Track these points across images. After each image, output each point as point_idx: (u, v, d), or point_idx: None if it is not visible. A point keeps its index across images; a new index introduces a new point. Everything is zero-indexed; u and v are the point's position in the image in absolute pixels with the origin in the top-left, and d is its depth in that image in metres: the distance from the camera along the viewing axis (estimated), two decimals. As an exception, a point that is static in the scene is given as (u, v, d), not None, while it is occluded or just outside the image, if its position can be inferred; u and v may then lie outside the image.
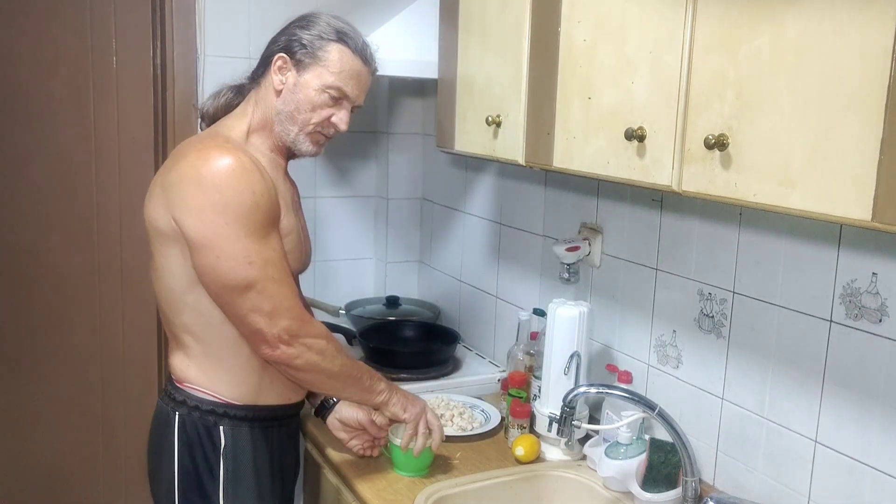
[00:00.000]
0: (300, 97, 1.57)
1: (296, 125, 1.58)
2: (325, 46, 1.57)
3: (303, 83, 1.57)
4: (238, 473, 1.57)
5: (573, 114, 1.45)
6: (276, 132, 1.59)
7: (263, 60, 1.63)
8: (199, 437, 1.55)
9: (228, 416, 1.57)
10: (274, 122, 1.59)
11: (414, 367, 2.20)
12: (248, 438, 1.59)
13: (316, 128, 1.60)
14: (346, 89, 1.58)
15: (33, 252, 2.48)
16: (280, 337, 1.46)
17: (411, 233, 2.76)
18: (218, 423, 1.56)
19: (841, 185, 0.98)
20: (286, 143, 1.61)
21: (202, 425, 1.56)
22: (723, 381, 1.60)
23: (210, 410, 1.56)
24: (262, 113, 1.60)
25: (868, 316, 1.31)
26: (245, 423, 1.58)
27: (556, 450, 1.78)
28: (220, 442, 1.56)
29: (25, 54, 2.38)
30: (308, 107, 1.57)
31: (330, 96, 1.58)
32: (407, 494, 1.61)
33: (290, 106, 1.57)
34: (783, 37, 1.05)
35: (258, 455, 1.61)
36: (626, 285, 1.84)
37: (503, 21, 1.65)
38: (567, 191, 2.02)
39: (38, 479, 2.58)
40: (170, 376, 1.62)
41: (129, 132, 2.49)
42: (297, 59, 1.57)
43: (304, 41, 1.57)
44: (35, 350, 2.52)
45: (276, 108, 1.58)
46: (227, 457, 1.56)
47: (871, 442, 1.32)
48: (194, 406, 1.56)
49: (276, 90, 1.58)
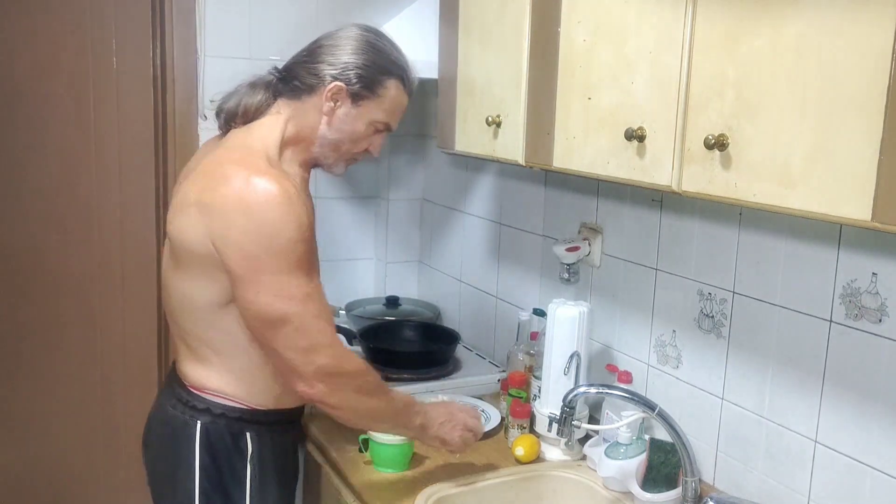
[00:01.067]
0: (347, 129, 1.55)
1: (337, 153, 1.58)
2: (383, 82, 1.53)
3: (353, 115, 1.53)
4: (264, 478, 1.56)
5: (573, 114, 1.45)
6: (313, 153, 1.57)
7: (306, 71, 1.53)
8: (225, 444, 1.52)
9: (254, 422, 1.54)
10: (313, 142, 1.55)
11: (414, 367, 2.20)
12: (270, 442, 1.57)
13: (354, 156, 1.60)
14: (392, 124, 1.59)
15: (33, 252, 2.48)
16: (316, 375, 1.41)
17: (411, 233, 2.76)
18: (245, 430, 1.53)
19: (841, 185, 0.98)
20: (320, 164, 1.60)
21: (228, 432, 1.52)
22: (723, 381, 1.60)
23: (237, 417, 1.53)
24: (298, 128, 1.54)
25: (868, 316, 1.31)
26: (267, 428, 1.57)
27: (556, 450, 1.78)
28: (248, 448, 1.53)
29: (25, 54, 2.38)
30: (353, 138, 1.56)
31: (375, 129, 1.57)
32: (407, 494, 1.61)
33: (336, 135, 1.55)
34: (783, 37, 1.05)
35: (279, 457, 1.60)
36: (626, 285, 1.84)
37: (503, 21, 1.65)
38: (567, 191, 2.02)
39: (37, 479, 2.58)
40: (182, 383, 1.56)
41: (129, 132, 2.49)
42: (354, 92, 1.51)
43: (364, 73, 1.51)
44: (35, 350, 2.52)
45: (320, 132, 1.54)
46: (253, 462, 1.54)
47: (871, 442, 1.32)
48: (220, 413, 1.52)
49: (325, 115, 1.53)
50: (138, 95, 2.47)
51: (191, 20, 2.36)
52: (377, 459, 1.71)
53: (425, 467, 1.73)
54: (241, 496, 1.54)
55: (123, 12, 2.43)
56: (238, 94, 1.57)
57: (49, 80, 2.41)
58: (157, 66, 2.45)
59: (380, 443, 1.69)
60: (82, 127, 2.46)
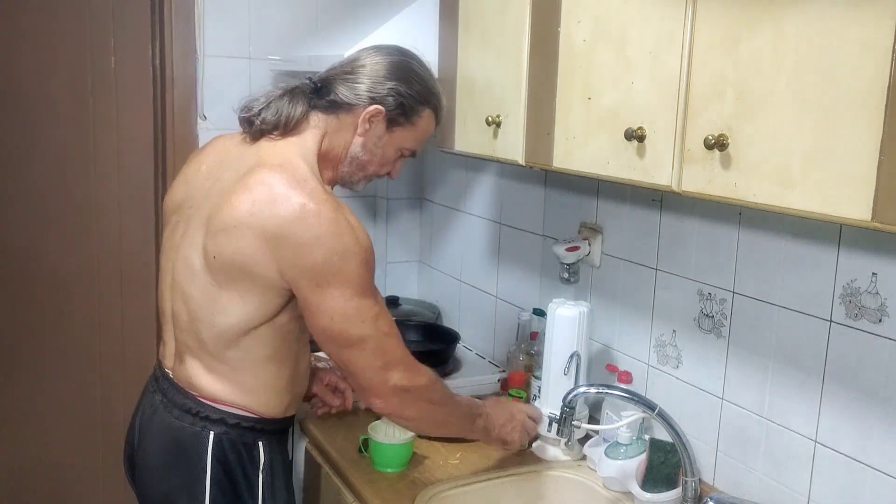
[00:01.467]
0: (378, 152, 1.56)
1: (363, 172, 1.59)
2: (420, 112, 1.55)
3: (386, 140, 1.55)
4: (274, 486, 1.56)
5: (573, 114, 1.45)
6: (340, 171, 1.57)
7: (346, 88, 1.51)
8: (239, 454, 1.51)
9: (266, 432, 1.55)
10: (343, 161, 1.56)
11: (414, 367, 2.20)
12: (278, 450, 1.58)
13: (375, 177, 1.63)
14: (418, 151, 1.62)
15: (32, 252, 2.48)
16: (392, 391, 1.46)
17: (411, 233, 2.76)
18: (258, 440, 1.53)
19: (841, 185, 0.98)
20: (343, 181, 1.61)
21: (242, 442, 1.51)
22: (723, 381, 1.60)
23: (251, 427, 1.52)
24: (331, 145, 1.53)
25: (868, 316, 1.31)
26: (276, 436, 1.58)
27: (556, 450, 1.78)
28: (260, 457, 1.53)
29: (24, 54, 2.38)
30: (381, 161, 1.58)
31: (401, 154, 1.60)
32: (407, 494, 1.61)
33: (367, 156, 1.56)
34: (783, 36, 1.05)
35: (285, 463, 1.62)
36: (626, 285, 1.84)
37: (503, 21, 1.65)
38: (567, 191, 2.02)
39: (37, 479, 2.58)
40: (188, 394, 1.52)
41: (129, 132, 2.49)
42: (391, 118, 1.53)
43: (405, 101, 1.52)
44: (34, 350, 2.52)
45: (351, 151, 1.54)
46: (265, 472, 1.54)
47: (871, 442, 1.32)
48: (234, 424, 1.50)
49: (360, 135, 1.53)
50: (137, 95, 2.47)
51: (190, 20, 2.36)
52: (377, 459, 1.71)
53: (425, 467, 1.73)
54: None
55: (123, 12, 2.43)
56: (276, 103, 1.51)
57: (48, 79, 2.41)
58: (156, 65, 2.45)
59: (379, 443, 1.69)
60: (81, 127, 2.46)
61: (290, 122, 1.50)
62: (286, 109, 1.50)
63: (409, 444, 1.71)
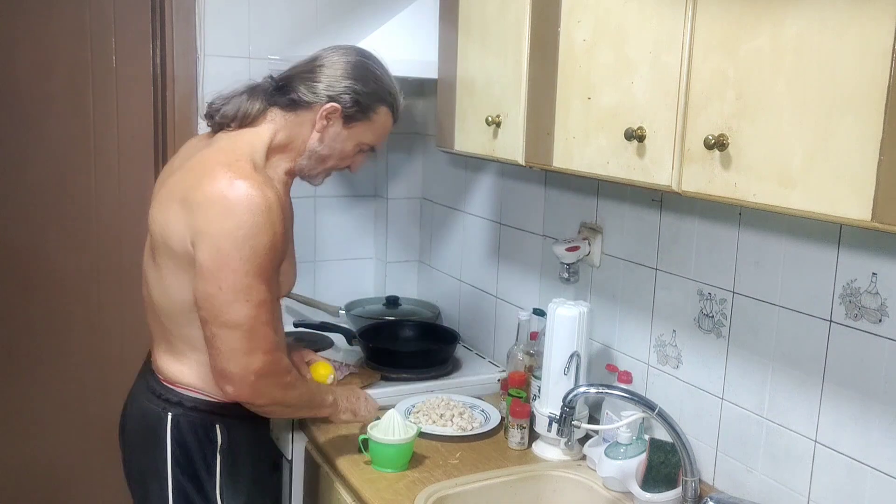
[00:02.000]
0: (337, 147, 1.64)
1: (322, 166, 1.67)
2: (376, 108, 1.64)
3: (344, 136, 1.63)
4: (234, 468, 1.61)
5: (573, 114, 1.45)
6: (299, 163, 1.64)
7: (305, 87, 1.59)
8: (196, 435, 1.57)
9: (225, 415, 1.59)
10: (301, 153, 1.63)
11: (414, 367, 2.20)
12: (243, 435, 1.62)
13: (336, 170, 1.70)
14: (377, 146, 1.71)
15: (32, 252, 2.48)
16: (247, 379, 1.47)
17: (411, 233, 2.76)
18: (215, 422, 1.58)
19: (841, 185, 0.98)
20: (302, 174, 1.67)
21: (199, 424, 1.58)
22: (722, 381, 1.60)
23: (208, 410, 1.58)
24: (289, 137, 1.61)
25: (868, 316, 1.31)
26: (238, 420, 1.60)
27: (556, 450, 1.78)
28: (217, 439, 1.58)
29: (25, 54, 2.38)
30: (341, 156, 1.66)
31: (361, 149, 1.68)
32: (407, 494, 1.61)
33: (326, 151, 1.63)
34: (783, 37, 1.05)
35: (252, 450, 1.66)
36: (626, 285, 1.84)
37: (503, 21, 1.65)
38: (567, 191, 2.02)
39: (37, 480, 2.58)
40: (154, 376, 1.63)
41: (129, 132, 2.49)
42: (348, 114, 1.61)
43: (360, 98, 1.61)
44: (34, 350, 2.52)
45: (310, 145, 1.62)
46: (223, 453, 1.59)
47: (871, 442, 1.32)
48: (192, 406, 1.58)
49: (318, 131, 1.61)
50: (138, 95, 2.47)
51: (191, 20, 2.36)
52: (376, 459, 1.71)
53: (425, 467, 1.73)
54: (212, 486, 1.59)
55: (123, 12, 2.43)
56: (237, 99, 1.61)
57: (49, 79, 2.41)
58: (156, 65, 2.45)
59: (379, 443, 1.69)
60: (82, 126, 2.46)
61: (248, 117, 1.60)
62: (244, 105, 1.60)
63: (410, 444, 1.71)
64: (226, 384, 1.48)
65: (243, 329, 1.45)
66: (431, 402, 2.00)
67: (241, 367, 1.46)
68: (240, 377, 1.47)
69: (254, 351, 1.47)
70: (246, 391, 1.49)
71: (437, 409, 1.96)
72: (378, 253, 2.77)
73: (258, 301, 1.45)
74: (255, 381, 1.48)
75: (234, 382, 1.48)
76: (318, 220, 2.65)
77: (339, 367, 2.14)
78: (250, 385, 1.48)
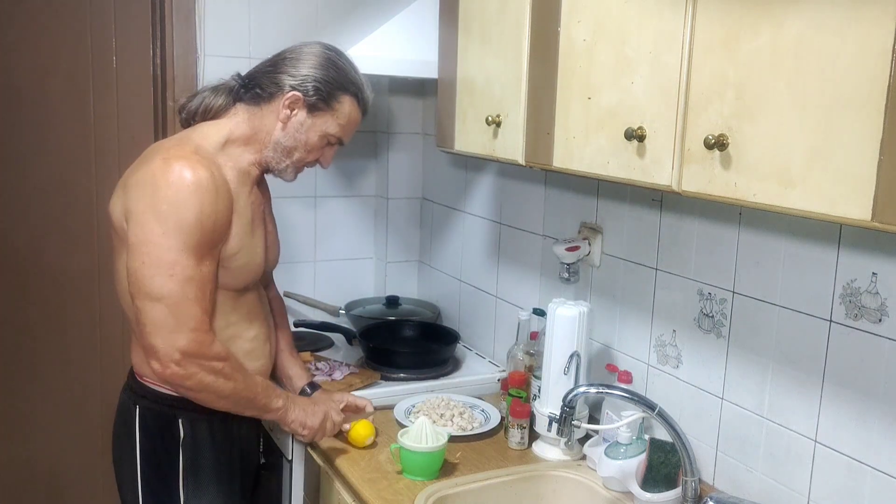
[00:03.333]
0: (302, 137, 1.64)
1: (289, 159, 1.67)
2: (339, 97, 1.64)
3: (309, 125, 1.64)
4: (198, 464, 1.63)
5: (573, 114, 1.45)
6: (265, 155, 1.65)
7: (268, 80, 1.63)
8: (160, 428, 1.61)
9: (187, 409, 1.60)
10: (266, 145, 1.64)
11: (414, 367, 2.20)
12: (207, 431, 1.64)
13: (305, 164, 1.70)
14: (344, 139, 1.70)
15: (33, 252, 2.48)
16: (172, 356, 1.46)
17: (411, 233, 2.76)
18: (177, 416, 1.61)
19: (841, 185, 0.98)
20: (271, 168, 1.68)
21: (163, 417, 1.61)
22: (722, 381, 1.60)
23: (170, 404, 1.60)
24: (253, 130, 1.63)
25: (868, 316, 1.31)
26: (203, 416, 1.61)
27: (556, 450, 1.78)
28: (180, 433, 1.61)
29: (25, 54, 2.38)
30: (306, 147, 1.66)
31: (328, 141, 1.68)
32: (407, 494, 1.61)
33: (290, 142, 1.64)
34: (783, 37, 1.05)
35: (217, 447, 1.66)
36: (626, 285, 1.84)
37: (503, 21, 1.65)
38: (567, 191, 2.02)
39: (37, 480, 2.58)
40: (131, 370, 1.66)
41: (129, 132, 2.49)
42: (310, 103, 1.62)
43: (321, 87, 1.62)
44: (34, 350, 2.52)
45: (274, 137, 1.63)
46: (186, 447, 1.61)
47: (871, 442, 1.32)
48: (156, 399, 1.60)
49: (281, 121, 1.62)
50: (138, 95, 2.47)
51: (191, 20, 2.36)
52: (407, 467, 1.68)
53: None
54: (175, 478, 1.61)
55: (123, 12, 2.43)
56: (201, 95, 1.68)
57: (49, 79, 2.41)
58: (156, 65, 2.45)
59: (410, 451, 1.66)
60: (82, 126, 2.46)
61: (210, 111, 1.66)
62: (207, 99, 1.66)
63: (441, 452, 1.68)
64: (152, 360, 1.47)
65: (166, 303, 1.45)
66: (431, 401, 2.00)
67: (165, 343, 1.46)
68: (164, 353, 1.46)
69: (179, 328, 1.46)
70: (171, 369, 1.47)
71: (437, 409, 1.96)
72: (378, 253, 2.77)
73: (184, 277, 1.45)
74: (181, 360, 1.47)
75: (160, 358, 1.46)
76: (318, 220, 2.65)
77: (339, 367, 2.15)
78: (175, 363, 1.47)
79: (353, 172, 2.70)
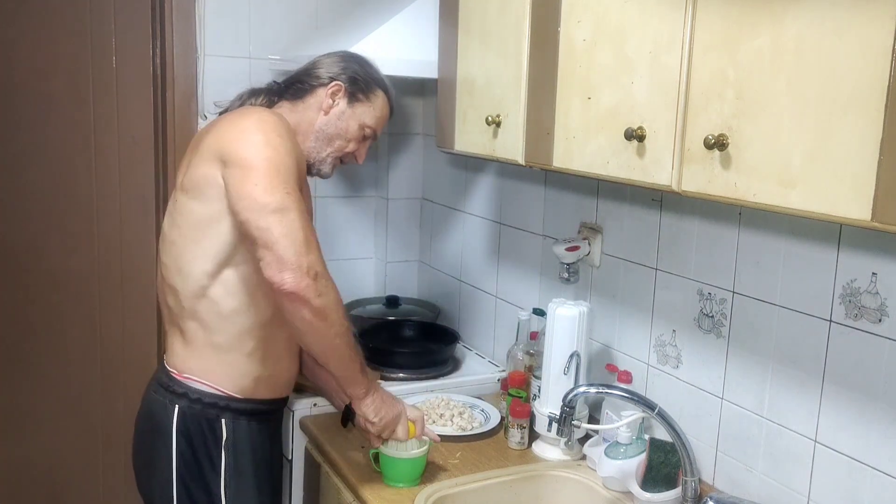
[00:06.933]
0: (342, 125, 1.72)
1: (330, 147, 1.73)
2: (375, 91, 1.75)
3: (349, 114, 1.72)
4: (239, 465, 1.60)
5: (573, 114, 1.45)
6: (307, 146, 1.71)
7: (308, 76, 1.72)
8: (201, 429, 1.58)
9: (230, 409, 1.59)
10: (309, 136, 1.71)
11: (414, 366, 2.20)
12: (247, 431, 1.62)
13: (342, 155, 1.76)
14: (378, 132, 1.79)
15: (33, 252, 2.48)
16: (302, 266, 1.40)
17: (411, 233, 2.76)
18: (220, 416, 1.59)
19: (841, 185, 0.98)
20: (310, 161, 1.72)
21: (204, 418, 1.58)
22: (722, 381, 1.60)
23: (212, 403, 1.58)
24: (296, 122, 1.69)
25: (868, 316, 1.31)
26: (244, 416, 1.61)
27: (556, 450, 1.78)
28: (222, 434, 1.59)
29: (25, 54, 2.38)
30: (346, 136, 1.73)
31: (364, 134, 1.75)
32: (407, 494, 1.61)
33: (332, 129, 1.72)
34: (783, 37, 1.05)
35: (257, 447, 1.65)
36: (626, 285, 1.84)
37: (503, 21, 1.65)
38: (567, 190, 2.02)
39: (37, 480, 2.58)
40: (165, 368, 1.63)
41: (129, 132, 2.49)
42: (350, 92, 1.72)
43: (359, 79, 1.73)
44: (34, 350, 2.52)
45: (317, 125, 1.71)
46: (228, 449, 1.59)
47: (871, 442, 1.32)
48: (196, 398, 1.58)
49: (324, 110, 1.71)
50: (138, 95, 2.47)
51: (191, 20, 2.36)
52: (388, 474, 1.65)
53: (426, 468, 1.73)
54: (217, 483, 1.59)
55: (123, 12, 2.43)
56: (242, 96, 1.74)
57: (49, 79, 2.41)
58: (156, 65, 2.45)
59: (391, 457, 1.63)
60: (82, 126, 2.46)
61: None
62: (249, 100, 1.73)
63: (422, 458, 1.65)
64: (286, 273, 1.39)
65: (292, 214, 1.42)
66: (431, 401, 2.00)
67: (298, 254, 1.40)
68: (296, 264, 1.39)
69: (309, 242, 1.43)
70: (305, 281, 1.40)
71: (437, 409, 1.96)
72: (378, 253, 2.77)
73: (296, 198, 1.46)
74: (317, 274, 1.42)
75: (293, 269, 1.39)
76: (318, 219, 2.64)
77: None
78: (311, 276, 1.41)
79: (354, 173, 2.70)
